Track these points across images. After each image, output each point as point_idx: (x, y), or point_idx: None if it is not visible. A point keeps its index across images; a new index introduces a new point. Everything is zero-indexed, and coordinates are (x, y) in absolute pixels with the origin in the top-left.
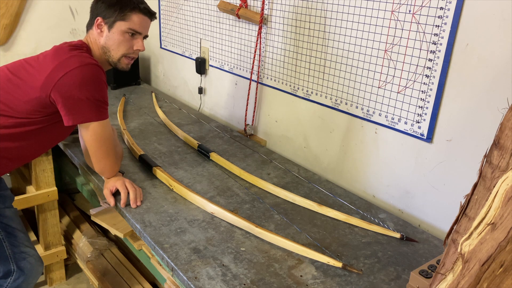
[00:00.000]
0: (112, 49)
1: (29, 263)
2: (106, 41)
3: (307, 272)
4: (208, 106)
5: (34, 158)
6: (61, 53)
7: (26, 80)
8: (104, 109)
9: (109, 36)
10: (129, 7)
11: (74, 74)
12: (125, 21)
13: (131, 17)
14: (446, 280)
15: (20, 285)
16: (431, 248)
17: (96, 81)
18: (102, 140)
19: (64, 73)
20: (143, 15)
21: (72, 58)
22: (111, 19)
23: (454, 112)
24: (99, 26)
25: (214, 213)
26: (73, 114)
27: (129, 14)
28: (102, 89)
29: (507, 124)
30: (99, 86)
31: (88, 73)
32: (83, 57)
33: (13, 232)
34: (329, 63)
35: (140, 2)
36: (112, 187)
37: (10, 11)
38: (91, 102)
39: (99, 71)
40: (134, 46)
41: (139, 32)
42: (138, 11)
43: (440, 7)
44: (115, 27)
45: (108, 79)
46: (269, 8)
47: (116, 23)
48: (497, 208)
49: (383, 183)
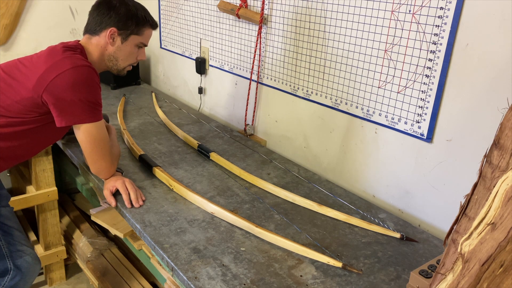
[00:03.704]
0: (121, 59)
1: (26, 261)
2: (117, 51)
3: (307, 272)
4: (208, 106)
5: (28, 158)
6: (54, 54)
7: (19, 80)
8: (97, 111)
9: (121, 48)
10: (143, 23)
11: (66, 76)
12: (139, 35)
13: (144, 32)
14: (446, 280)
15: (18, 284)
16: (431, 248)
17: (89, 83)
18: (96, 141)
19: (56, 74)
20: (152, 29)
21: (65, 60)
22: (127, 32)
23: (454, 112)
24: (111, 36)
25: (214, 213)
26: (65, 116)
27: (143, 29)
28: (95, 90)
29: (507, 124)
30: (92, 87)
31: (80, 74)
32: (75, 58)
33: (9, 231)
34: (329, 63)
35: (150, 17)
36: (112, 187)
37: (10, 11)
38: (83, 103)
39: (92, 72)
40: (138, 57)
41: (146, 45)
42: (150, 26)
43: (440, 7)
44: (129, 40)
45: (108, 79)
46: (269, 8)
47: (131, 37)
48: (497, 208)
49: (383, 183)
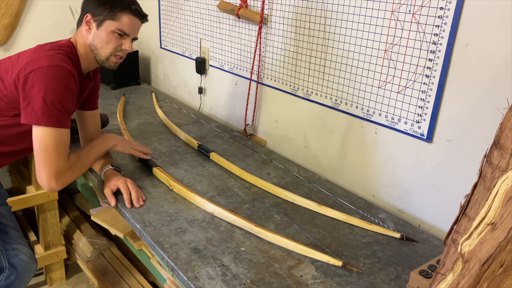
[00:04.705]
0: (100, 47)
1: (22, 260)
2: (94, 39)
3: (307, 272)
4: (208, 106)
5: (20, 157)
6: (37, 51)
7: (4, 77)
8: (58, 116)
9: (96, 34)
10: (120, 7)
11: (39, 73)
12: (114, 20)
13: (121, 18)
14: (446, 280)
15: (13, 283)
16: (431, 248)
17: (59, 85)
18: (45, 147)
19: (31, 69)
20: (133, 17)
21: (43, 57)
22: (101, 17)
23: (454, 112)
24: (87, 23)
25: (214, 213)
26: (26, 112)
27: (119, 14)
28: (64, 94)
29: (507, 124)
30: (62, 90)
31: (53, 74)
32: (55, 58)
33: (5, 229)
34: (329, 63)
35: (132, 3)
36: (114, 186)
37: (10, 11)
38: (45, 104)
39: (67, 75)
40: (122, 46)
41: (127, 33)
42: (129, 12)
43: (440, 7)
44: (104, 25)
45: (108, 79)
46: (269, 8)
47: (105, 22)
48: (497, 208)
49: (383, 183)
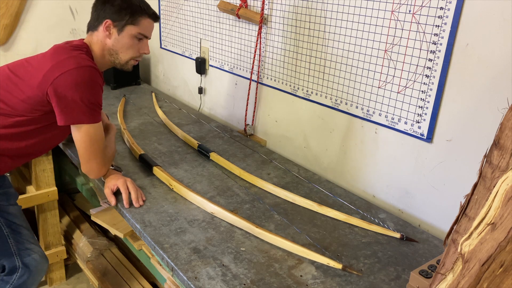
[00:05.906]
0: (120, 52)
1: (34, 259)
2: (114, 44)
3: (307, 272)
4: (208, 106)
5: (36, 156)
6: (60, 53)
7: (24, 79)
8: (96, 112)
9: (118, 39)
10: (140, 12)
11: (69, 75)
12: (135, 25)
13: (141, 22)
14: (446, 280)
15: (26, 282)
16: (431, 248)
17: (91, 84)
18: (91, 142)
19: (61, 73)
20: (151, 20)
21: (70, 59)
22: (122, 23)
23: (454, 112)
24: (107, 28)
25: (214, 213)
26: (66, 114)
27: (140, 19)
28: (97, 92)
29: (507, 124)
30: (94, 89)
31: (84, 75)
32: (81, 58)
33: (18, 229)
34: (329, 63)
35: (148, 7)
36: (113, 186)
37: (10, 11)
38: (84, 104)
39: (95, 74)
40: (140, 50)
41: (147, 36)
42: (147, 16)
43: (440, 7)
44: (125, 31)
45: (108, 79)
46: (269, 8)
47: (127, 27)
48: (497, 208)
49: (383, 183)
